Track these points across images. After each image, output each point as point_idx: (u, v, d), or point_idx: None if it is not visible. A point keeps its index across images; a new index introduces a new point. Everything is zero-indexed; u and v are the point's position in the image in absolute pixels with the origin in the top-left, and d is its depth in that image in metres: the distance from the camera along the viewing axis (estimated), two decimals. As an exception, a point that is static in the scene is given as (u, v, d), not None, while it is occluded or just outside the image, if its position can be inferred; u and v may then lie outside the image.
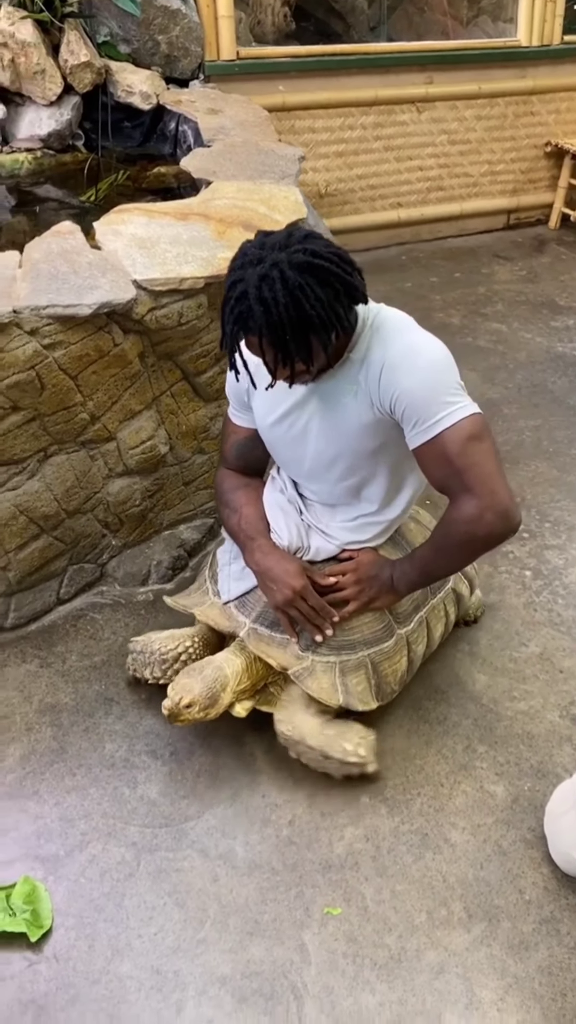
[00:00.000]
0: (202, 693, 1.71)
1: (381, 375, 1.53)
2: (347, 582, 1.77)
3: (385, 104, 3.98)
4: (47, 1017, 1.44)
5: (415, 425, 1.53)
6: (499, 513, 1.52)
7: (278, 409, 1.70)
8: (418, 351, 1.53)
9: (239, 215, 2.28)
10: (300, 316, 1.38)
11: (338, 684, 1.75)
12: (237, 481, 1.87)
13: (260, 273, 1.38)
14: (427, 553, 1.69)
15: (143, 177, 3.21)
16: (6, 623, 2.11)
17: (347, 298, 1.46)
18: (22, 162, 3.14)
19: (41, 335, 1.85)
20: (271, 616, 1.78)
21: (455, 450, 1.50)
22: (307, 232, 1.45)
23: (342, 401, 1.61)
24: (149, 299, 1.96)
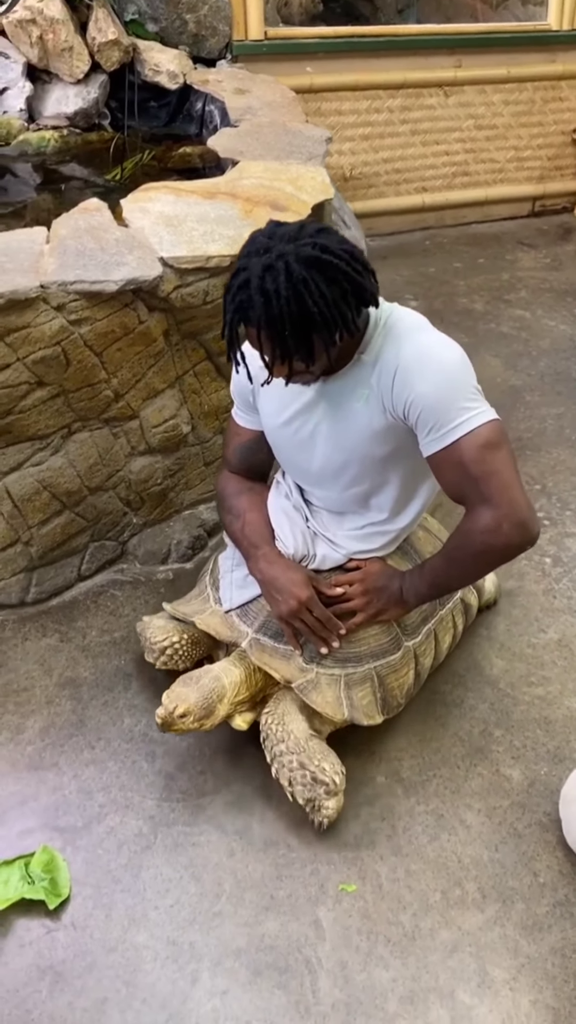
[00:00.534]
0: (197, 703, 1.65)
1: (394, 378, 1.47)
2: (354, 593, 1.71)
3: (413, 87, 3.94)
4: (64, 983, 1.46)
5: (430, 431, 1.47)
6: (517, 524, 1.47)
7: (285, 411, 1.64)
8: (433, 353, 1.47)
9: (266, 195, 2.28)
10: (301, 312, 1.33)
11: (343, 698, 1.70)
12: (240, 485, 1.81)
13: (265, 263, 1.33)
14: (439, 564, 1.63)
15: (168, 157, 3.20)
16: (28, 598, 2.13)
17: (355, 299, 1.39)
18: (48, 140, 3.14)
19: (67, 311, 1.85)
20: (275, 627, 1.73)
21: (472, 458, 1.44)
22: (321, 226, 1.40)
23: (353, 405, 1.55)
24: (175, 277, 1.97)
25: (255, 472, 1.83)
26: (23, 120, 3.18)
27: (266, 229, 1.41)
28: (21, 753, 1.81)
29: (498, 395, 3.05)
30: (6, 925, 1.53)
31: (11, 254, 1.90)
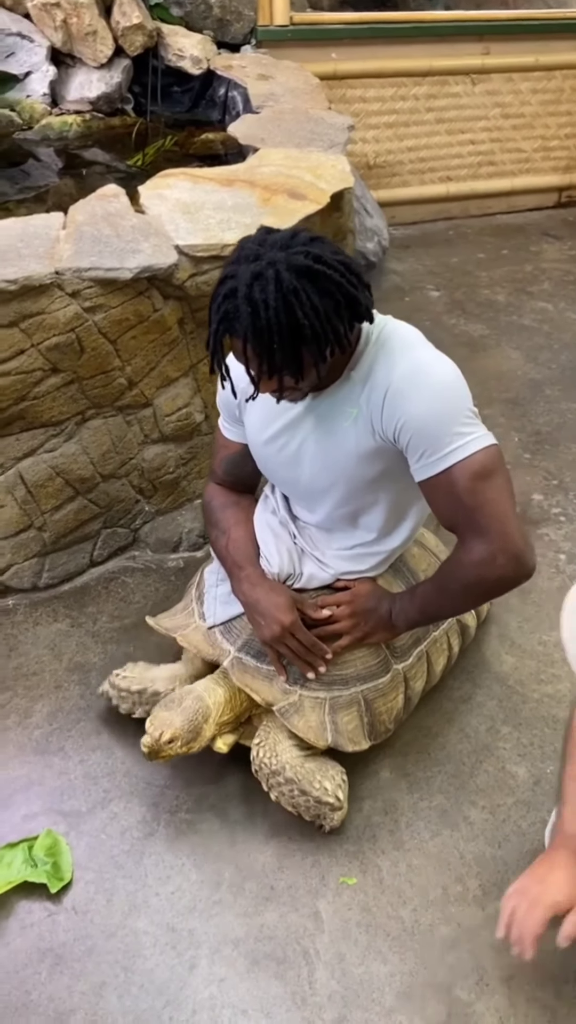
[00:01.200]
0: (183, 727, 1.59)
1: (385, 399, 1.40)
2: (341, 615, 1.64)
3: (439, 75, 3.89)
4: (64, 966, 1.47)
5: (421, 456, 1.40)
6: (512, 557, 1.40)
7: (270, 427, 1.56)
8: (427, 373, 1.39)
9: (284, 183, 2.26)
10: (291, 323, 1.26)
11: (327, 722, 1.63)
12: (226, 499, 1.75)
13: (254, 271, 1.25)
14: (430, 592, 1.57)
15: (190, 143, 3.19)
16: (40, 582, 2.14)
17: (348, 312, 1.32)
18: (71, 124, 3.13)
19: (82, 298, 1.85)
20: (257, 646, 1.66)
21: (466, 487, 1.38)
22: (314, 235, 1.33)
23: (341, 424, 1.48)
24: (190, 265, 1.96)
25: (243, 484, 1.77)
26: (46, 104, 3.18)
27: (256, 235, 1.34)
28: (28, 737, 1.83)
29: (518, 388, 3.02)
30: (8, 907, 1.55)
31: (27, 240, 1.91)
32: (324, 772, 1.63)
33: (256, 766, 1.63)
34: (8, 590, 2.13)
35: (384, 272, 3.75)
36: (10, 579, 2.11)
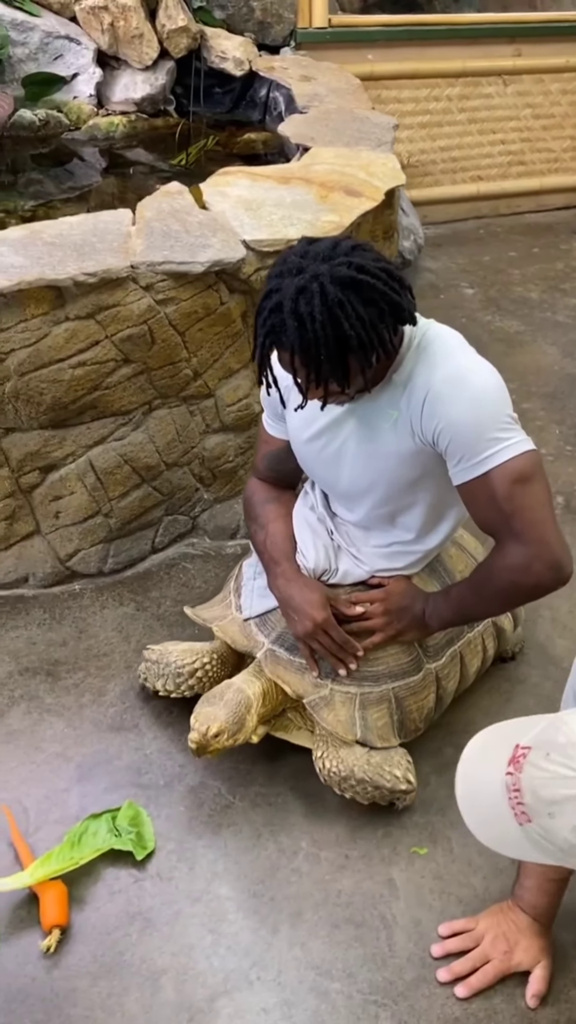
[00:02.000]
0: (228, 719, 1.61)
1: (424, 403, 1.41)
2: (374, 612, 1.65)
3: (472, 76, 3.96)
4: (153, 929, 1.53)
5: (460, 460, 1.41)
6: (549, 564, 1.40)
7: (312, 426, 1.58)
8: (467, 378, 1.40)
9: (339, 180, 2.33)
10: (337, 335, 1.28)
11: (356, 718, 1.65)
12: (267, 494, 1.77)
13: (298, 285, 1.27)
14: (465, 593, 1.58)
15: (233, 143, 3.26)
16: (105, 568, 2.21)
17: (392, 319, 1.34)
18: (117, 125, 3.20)
19: (155, 291, 1.92)
20: (291, 639, 1.68)
21: (503, 492, 1.38)
22: (356, 243, 1.35)
23: (381, 426, 1.49)
24: (256, 259, 2.02)
25: (284, 481, 1.78)
26: (92, 105, 3.25)
27: (298, 248, 1.35)
28: (104, 714, 1.89)
29: (556, 382, 3.08)
30: (96, 874, 1.61)
31: (100, 235, 1.97)
32: (391, 761, 1.65)
33: (324, 776, 1.65)
34: (75, 575, 2.20)
35: (419, 270, 3.81)
36: (77, 564, 2.18)
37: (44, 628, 2.08)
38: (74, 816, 1.69)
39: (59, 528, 2.12)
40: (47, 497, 2.08)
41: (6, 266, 1.82)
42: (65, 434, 2.02)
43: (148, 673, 1.87)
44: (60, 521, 2.12)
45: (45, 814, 1.70)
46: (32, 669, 1.98)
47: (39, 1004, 1.43)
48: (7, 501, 2.06)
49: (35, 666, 1.99)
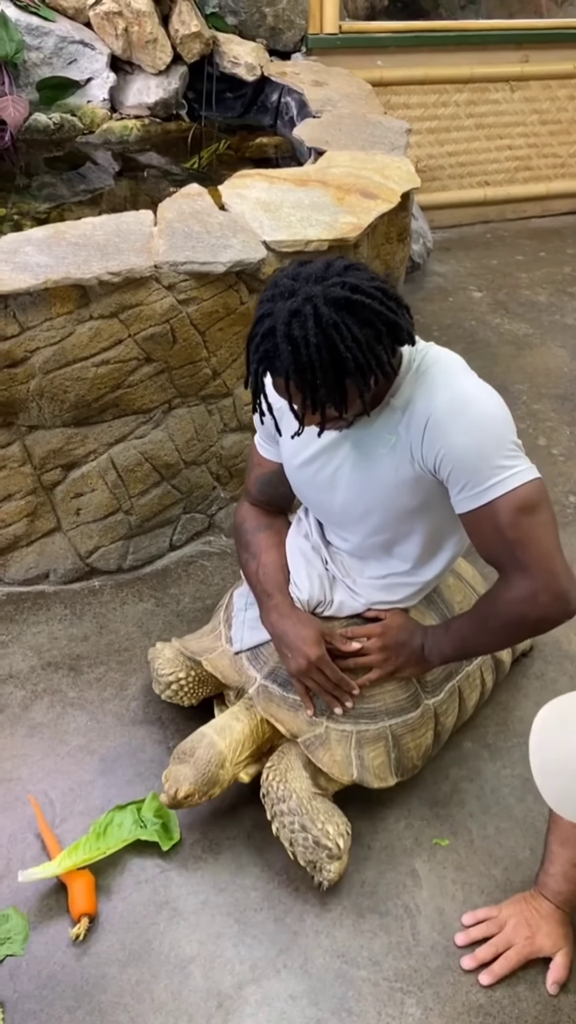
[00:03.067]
0: (197, 780, 1.56)
1: (425, 429, 1.36)
2: (371, 647, 1.59)
3: (480, 82, 4.00)
4: (180, 918, 1.55)
5: (463, 489, 1.36)
6: (556, 596, 1.35)
7: (306, 451, 1.53)
8: (469, 403, 1.35)
9: (355, 183, 2.35)
10: (333, 358, 1.23)
11: (353, 756, 1.59)
12: (259, 521, 1.71)
13: (291, 308, 1.22)
14: (466, 627, 1.52)
15: (245, 147, 3.29)
16: (124, 564, 2.23)
17: (390, 339, 1.29)
18: (131, 129, 3.23)
19: (177, 290, 1.95)
20: (284, 674, 1.62)
21: (508, 522, 1.34)
22: (349, 263, 1.30)
23: (378, 452, 1.44)
24: (275, 260, 2.05)
25: (276, 505, 1.72)
26: (106, 109, 3.28)
27: (289, 270, 1.30)
28: (126, 708, 1.91)
29: (567, 384, 3.10)
30: (122, 865, 1.63)
31: (123, 235, 2.00)
32: (329, 817, 1.56)
33: (264, 790, 1.59)
34: (95, 571, 2.22)
35: (427, 274, 3.84)
36: (97, 560, 2.20)
37: (66, 623, 2.10)
38: (99, 807, 1.71)
39: (80, 525, 2.15)
40: (69, 494, 2.10)
41: (32, 265, 1.84)
42: (87, 432, 2.04)
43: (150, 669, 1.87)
44: (81, 518, 2.14)
45: (70, 805, 1.72)
46: (55, 664, 2.00)
47: (69, 991, 1.45)
48: (29, 498, 2.08)
49: (57, 660, 2.01)
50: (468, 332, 3.43)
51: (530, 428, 2.86)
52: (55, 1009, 1.43)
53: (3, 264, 1.84)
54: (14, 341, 1.86)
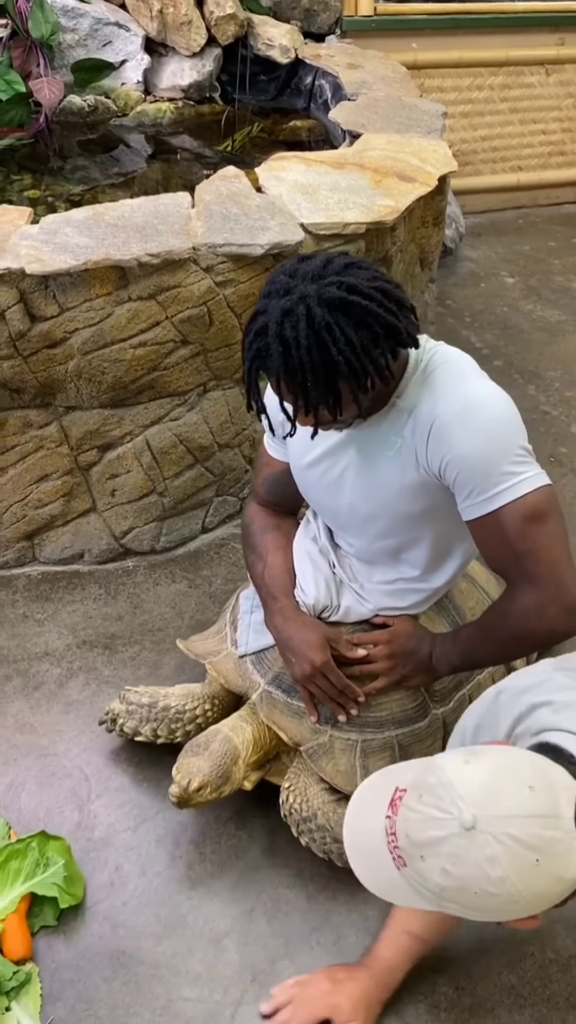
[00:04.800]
0: (212, 772, 1.51)
1: (431, 433, 1.31)
2: (378, 655, 1.54)
3: (515, 65, 3.95)
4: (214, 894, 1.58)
5: (468, 496, 1.31)
6: (565, 608, 1.30)
7: (312, 452, 1.48)
8: (476, 407, 1.30)
9: (393, 166, 2.34)
10: (325, 361, 1.19)
11: (357, 767, 1.54)
12: (267, 521, 1.66)
13: (284, 307, 1.18)
14: (474, 637, 1.47)
15: (279, 130, 3.28)
16: (157, 545, 2.25)
17: (389, 342, 1.24)
18: (165, 111, 3.23)
19: (215, 272, 1.95)
20: (289, 680, 1.58)
21: (515, 530, 1.28)
22: (351, 260, 1.26)
23: (384, 454, 1.39)
24: (312, 242, 2.05)
25: (285, 506, 1.67)
26: (140, 91, 3.28)
27: (288, 266, 1.25)
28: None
29: (599, 372, 3.09)
30: (156, 839, 1.65)
31: (161, 217, 2.00)
32: None
33: (285, 811, 1.55)
34: (128, 552, 2.24)
35: (459, 259, 3.82)
36: (131, 541, 2.22)
37: (100, 603, 2.12)
38: (131, 784, 1.73)
39: (115, 506, 2.17)
40: (104, 475, 2.12)
41: (72, 246, 1.85)
42: (123, 413, 2.05)
43: (129, 717, 1.72)
44: (116, 499, 2.16)
45: (105, 782, 1.75)
46: (89, 642, 2.03)
47: (106, 961, 1.48)
48: (65, 478, 2.10)
49: (92, 639, 2.03)
50: (500, 318, 3.41)
51: (562, 415, 2.85)
52: (92, 979, 1.46)
53: (44, 245, 1.85)
54: (54, 322, 1.87)
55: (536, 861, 0.95)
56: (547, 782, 0.99)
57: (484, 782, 0.99)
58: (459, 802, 0.97)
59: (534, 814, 0.96)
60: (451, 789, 0.98)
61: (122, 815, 1.68)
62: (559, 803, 0.98)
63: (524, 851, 0.95)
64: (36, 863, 1.54)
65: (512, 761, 1.03)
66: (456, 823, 0.96)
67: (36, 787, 1.73)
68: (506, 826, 0.95)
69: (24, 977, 1.43)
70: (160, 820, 1.68)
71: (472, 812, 0.96)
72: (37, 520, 2.14)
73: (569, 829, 0.96)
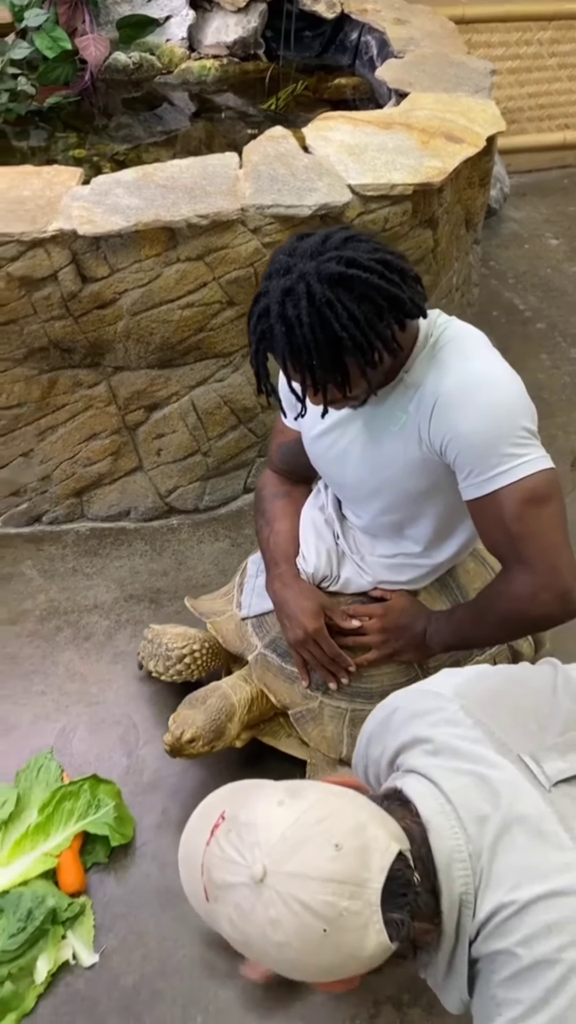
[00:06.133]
0: (205, 726, 1.56)
1: (433, 411, 1.30)
2: (372, 627, 1.55)
3: (565, 19, 3.86)
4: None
5: (468, 475, 1.30)
6: (558, 595, 1.28)
7: (322, 423, 1.47)
8: (479, 386, 1.28)
9: (440, 126, 2.33)
10: (328, 338, 1.17)
11: (344, 735, 1.56)
12: (279, 488, 1.68)
13: (284, 286, 1.17)
14: (466, 617, 1.46)
15: (323, 88, 3.25)
16: (200, 504, 2.30)
17: (393, 314, 1.21)
18: (209, 69, 3.22)
19: (262, 233, 1.97)
20: (285, 644, 1.60)
21: (512, 513, 1.27)
22: (349, 234, 1.23)
23: (389, 429, 1.38)
24: (359, 204, 2.05)
25: (298, 475, 1.67)
26: (184, 48, 3.26)
27: (287, 245, 1.23)
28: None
29: None
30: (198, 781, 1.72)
31: (210, 178, 2.02)
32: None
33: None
34: (173, 510, 2.29)
35: (503, 219, 3.78)
36: (176, 500, 2.27)
37: (146, 559, 2.18)
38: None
39: (160, 465, 2.21)
40: (150, 435, 2.17)
41: (123, 207, 1.88)
42: (170, 374, 2.09)
43: (144, 652, 1.84)
44: (162, 458, 2.20)
45: (152, 730, 1.82)
46: (136, 596, 2.09)
47: (155, 898, 1.56)
48: (113, 437, 2.15)
49: (139, 593, 2.10)
50: (543, 280, 3.38)
51: (605, 380, 2.83)
52: (142, 913, 1.54)
53: (95, 206, 1.88)
54: (104, 283, 1.91)
55: (324, 932, 0.82)
56: (361, 843, 0.85)
57: (286, 831, 0.85)
58: (256, 849, 0.84)
59: (331, 878, 0.82)
60: (254, 832, 0.86)
61: (168, 761, 1.73)
62: (368, 869, 0.84)
63: (312, 919, 0.82)
64: (88, 804, 1.62)
65: (332, 810, 0.88)
66: (247, 872, 0.84)
67: (87, 733, 1.80)
68: (296, 887, 0.82)
69: (78, 909, 1.51)
70: (204, 766, 1.74)
71: (264, 864, 0.83)
72: (86, 478, 2.19)
73: (370, 902, 0.83)
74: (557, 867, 0.87)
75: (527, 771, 0.94)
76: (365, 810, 0.90)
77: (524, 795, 0.91)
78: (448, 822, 0.91)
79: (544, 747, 0.97)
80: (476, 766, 0.95)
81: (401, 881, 0.86)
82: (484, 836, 0.89)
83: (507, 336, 2.97)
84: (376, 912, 0.83)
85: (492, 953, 0.87)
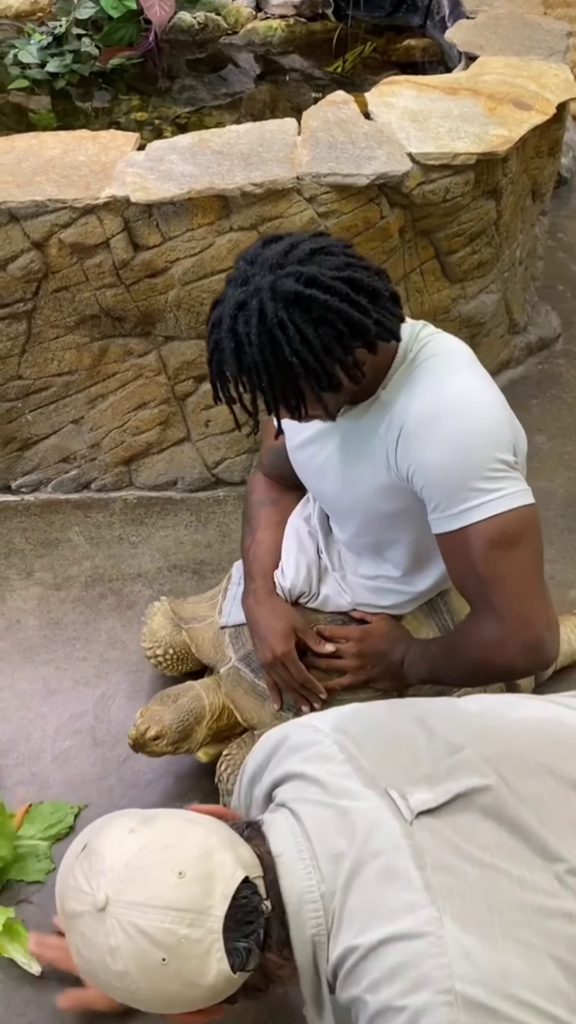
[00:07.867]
0: (172, 725, 1.49)
1: (400, 437, 1.21)
2: (348, 651, 1.45)
3: None
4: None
5: (435, 509, 1.21)
6: (527, 646, 1.20)
7: (302, 433, 1.40)
8: (451, 412, 1.17)
9: (509, 92, 2.24)
10: (278, 362, 1.09)
11: None
12: (266, 494, 1.60)
13: (238, 299, 1.09)
14: (440, 655, 1.37)
15: (392, 49, 3.15)
16: (246, 477, 2.28)
17: (355, 339, 1.12)
18: (275, 29, 3.15)
19: (318, 203, 1.92)
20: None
21: (480, 554, 1.17)
22: (318, 245, 1.13)
23: (363, 448, 1.29)
24: (420, 173, 1.99)
25: (287, 480, 1.57)
26: (251, 8, 3.19)
27: (251, 250, 1.15)
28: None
29: None
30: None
31: (266, 144, 1.98)
32: None
33: (218, 778, 1.52)
34: (219, 482, 2.29)
35: (573, 189, 3.64)
36: (222, 472, 2.27)
37: (191, 530, 2.19)
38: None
39: (208, 436, 2.21)
40: (199, 406, 2.16)
41: (176, 174, 1.85)
42: (220, 344, 2.07)
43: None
44: (209, 430, 2.20)
45: (189, 702, 1.83)
46: (180, 567, 2.10)
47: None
48: (163, 407, 2.15)
49: (183, 564, 2.11)
50: (613, 255, 3.26)
51: None
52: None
53: (149, 173, 1.86)
54: (156, 251, 1.89)
55: (163, 960, 0.83)
56: (207, 870, 0.86)
57: (131, 860, 0.86)
58: (100, 878, 0.86)
59: (170, 906, 0.83)
60: (100, 860, 0.87)
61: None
62: (211, 896, 0.85)
63: (151, 947, 0.83)
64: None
65: (180, 837, 0.89)
66: (91, 900, 0.85)
67: (125, 700, 1.82)
68: (135, 915, 0.83)
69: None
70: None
71: (107, 892, 0.84)
72: (134, 446, 2.20)
73: (212, 929, 0.84)
74: (402, 908, 0.85)
75: (392, 804, 0.92)
76: (216, 835, 0.90)
77: (382, 829, 0.90)
78: (302, 862, 0.90)
79: (414, 779, 0.95)
80: (339, 800, 0.94)
81: (247, 908, 0.87)
82: (338, 876, 0.89)
83: (572, 311, 2.87)
84: (218, 940, 0.84)
85: (350, 999, 0.88)
